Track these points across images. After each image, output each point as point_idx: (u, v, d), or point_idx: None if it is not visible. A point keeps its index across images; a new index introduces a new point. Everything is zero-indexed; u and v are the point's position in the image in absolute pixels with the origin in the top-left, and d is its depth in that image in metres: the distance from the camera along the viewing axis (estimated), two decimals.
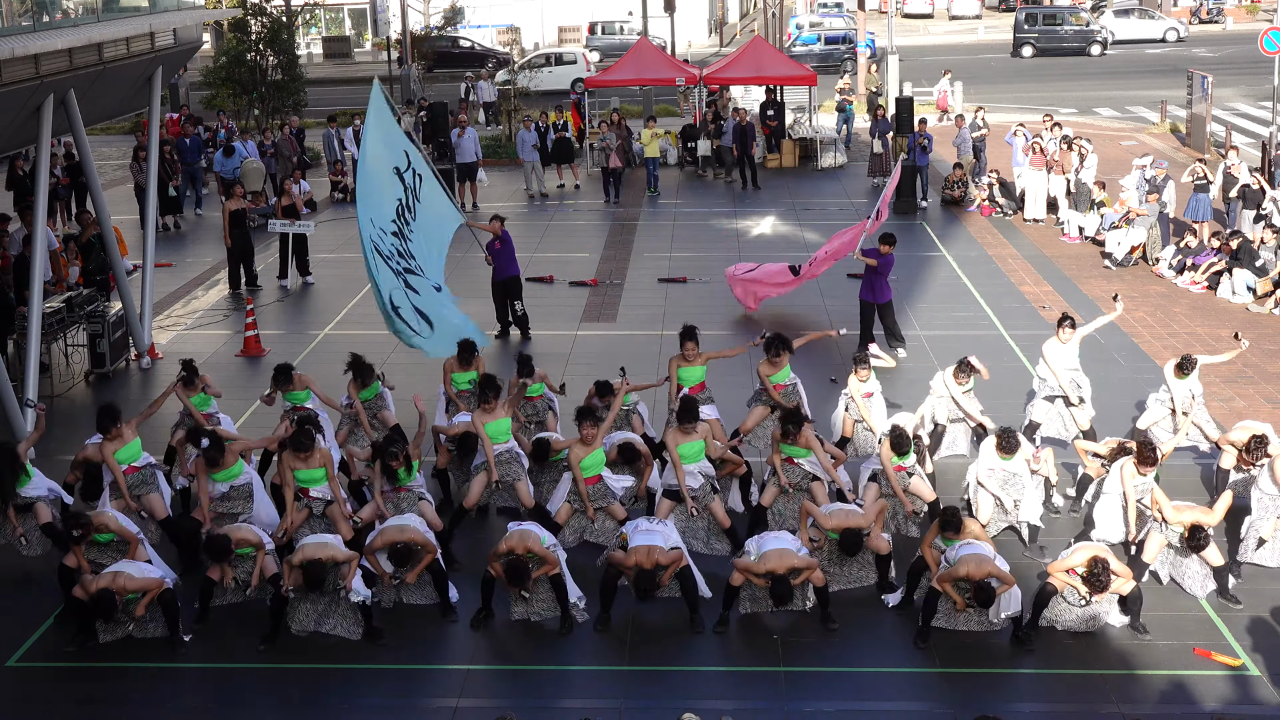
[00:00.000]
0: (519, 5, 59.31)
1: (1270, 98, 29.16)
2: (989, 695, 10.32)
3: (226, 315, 20.98)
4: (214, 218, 26.82)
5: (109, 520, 11.68)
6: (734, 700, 10.30)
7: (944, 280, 21.75)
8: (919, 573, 11.46)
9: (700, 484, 12.40)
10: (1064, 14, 55.02)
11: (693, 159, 32.30)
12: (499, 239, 18.88)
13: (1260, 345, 18.26)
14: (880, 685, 10.61)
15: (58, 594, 11.94)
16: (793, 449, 12.54)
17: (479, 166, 29.17)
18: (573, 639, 11.31)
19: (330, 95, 45.97)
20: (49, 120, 16.15)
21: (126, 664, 11.11)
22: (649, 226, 26.47)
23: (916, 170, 27.34)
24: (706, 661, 11.01)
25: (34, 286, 16.03)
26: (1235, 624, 11.28)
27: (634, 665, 10.94)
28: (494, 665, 11.05)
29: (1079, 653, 10.94)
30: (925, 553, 11.33)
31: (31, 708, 10.56)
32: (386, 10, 47.41)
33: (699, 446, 12.41)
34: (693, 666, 10.95)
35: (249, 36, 35.06)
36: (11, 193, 25.65)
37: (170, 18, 19.46)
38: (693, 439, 12.37)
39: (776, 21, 50.69)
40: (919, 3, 73.15)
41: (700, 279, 22.14)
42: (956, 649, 11.04)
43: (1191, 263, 21.49)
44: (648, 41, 36.36)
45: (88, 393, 17.66)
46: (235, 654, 11.26)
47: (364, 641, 11.26)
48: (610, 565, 11.34)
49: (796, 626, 11.37)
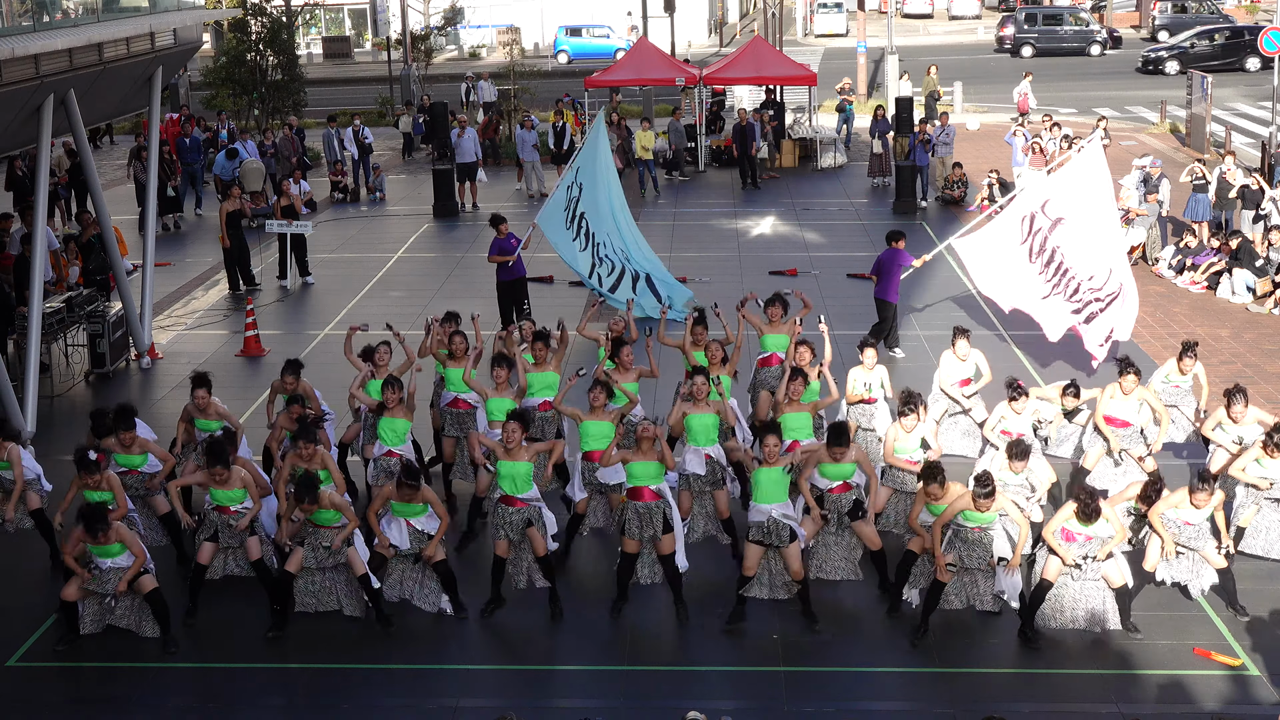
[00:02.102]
0: (519, 5, 59.28)
1: (1270, 98, 29.15)
2: (989, 695, 10.32)
3: (226, 315, 20.99)
4: (214, 218, 26.82)
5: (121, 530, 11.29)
6: (734, 700, 10.30)
7: (944, 280, 21.75)
8: (909, 565, 11.45)
9: (706, 471, 12.15)
10: (1064, 14, 55.04)
11: (692, 159, 32.30)
12: (515, 238, 19.06)
13: (1260, 345, 18.27)
14: (880, 685, 10.62)
15: (58, 595, 11.97)
16: (837, 467, 11.96)
17: (479, 166, 29.17)
18: (573, 639, 11.33)
19: (330, 95, 45.98)
20: (49, 120, 16.16)
21: (127, 664, 11.11)
22: (649, 226, 26.38)
23: (916, 170, 27.34)
24: (706, 661, 11.01)
25: (34, 286, 16.03)
26: (1235, 624, 11.29)
27: (634, 665, 10.95)
28: (494, 665, 11.06)
29: (1079, 653, 10.95)
30: (913, 523, 11.37)
31: (31, 708, 10.56)
32: (386, 10, 47.39)
33: (711, 420, 12.11)
34: (693, 666, 10.96)
35: (249, 36, 35.06)
36: (11, 193, 25.66)
37: (170, 18, 19.46)
38: (703, 411, 12.07)
39: (776, 21, 50.66)
40: (919, 3, 73.14)
41: (700, 279, 22.13)
42: (957, 649, 11.05)
43: (1191, 263, 21.49)
44: (648, 41, 36.35)
45: (88, 393, 17.66)
46: (235, 654, 11.27)
47: (373, 625, 11.31)
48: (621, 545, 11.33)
49: (796, 626, 11.38)
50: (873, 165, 29.94)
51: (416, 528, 11.41)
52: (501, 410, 12.38)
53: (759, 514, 11.10)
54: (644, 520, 11.26)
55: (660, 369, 14.04)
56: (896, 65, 40.00)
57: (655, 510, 11.26)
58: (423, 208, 28.36)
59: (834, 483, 11.56)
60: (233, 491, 11.51)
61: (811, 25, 66.71)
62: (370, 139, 30.67)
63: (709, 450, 12.12)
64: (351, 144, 30.06)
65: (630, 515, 11.28)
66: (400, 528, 11.44)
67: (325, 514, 11.23)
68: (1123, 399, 12.97)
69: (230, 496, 11.53)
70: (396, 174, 32.59)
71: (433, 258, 24.48)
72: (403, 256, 24.49)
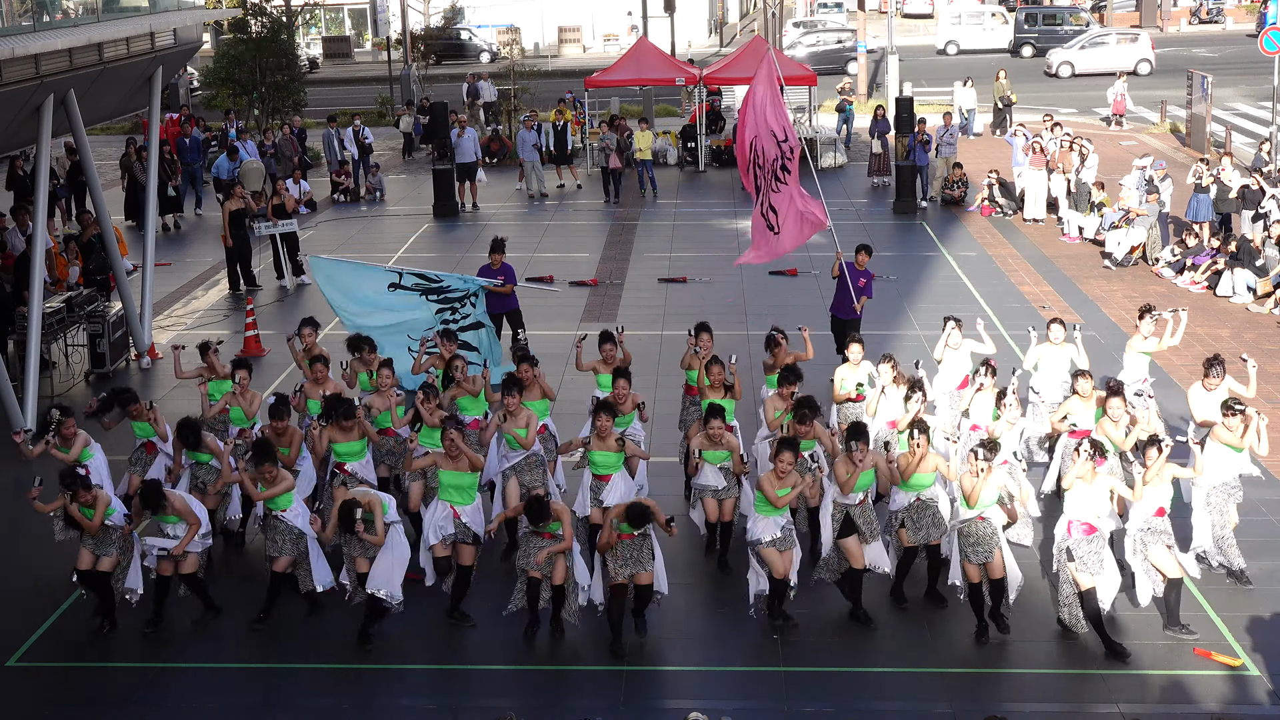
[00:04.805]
0: (519, 5, 59.27)
1: (1270, 98, 29.14)
2: (989, 695, 10.33)
3: (226, 315, 20.99)
4: (214, 218, 26.83)
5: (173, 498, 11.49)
6: (734, 700, 10.30)
7: (944, 280, 21.75)
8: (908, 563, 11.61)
9: (724, 485, 12.26)
10: (1064, 14, 55.00)
11: (692, 159, 32.29)
12: (507, 270, 17.82)
13: (1260, 345, 18.26)
14: (880, 685, 10.62)
15: (58, 595, 12.01)
16: (803, 441, 12.11)
17: (479, 166, 29.18)
18: (573, 639, 11.32)
19: (330, 95, 45.97)
20: (49, 120, 16.16)
21: (126, 664, 11.14)
22: (649, 226, 26.47)
23: (916, 170, 27.33)
24: (706, 661, 11.02)
25: (34, 286, 16.04)
26: (1235, 624, 11.28)
27: (634, 665, 10.95)
28: (494, 665, 11.05)
29: (1079, 653, 10.95)
30: (837, 471, 11.37)
31: (31, 708, 10.56)
32: (386, 10, 47.40)
33: (725, 455, 12.18)
34: (693, 666, 10.96)
35: (249, 36, 35.06)
36: (12, 192, 25.66)
37: (170, 18, 19.47)
38: (718, 449, 12.14)
39: (776, 21, 50.61)
40: (919, 3, 73.10)
41: (700, 279, 22.14)
42: (957, 649, 11.05)
43: (1191, 263, 21.49)
44: (647, 41, 36.35)
45: (88, 392, 17.65)
46: (234, 654, 11.29)
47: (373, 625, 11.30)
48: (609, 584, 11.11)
49: (796, 626, 11.38)
50: (873, 165, 29.94)
51: (463, 519, 11.37)
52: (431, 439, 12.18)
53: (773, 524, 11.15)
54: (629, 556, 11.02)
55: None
56: (897, 65, 39.98)
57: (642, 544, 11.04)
58: (423, 208, 28.36)
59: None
60: (352, 444, 12.19)
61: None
62: (370, 139, 30.68)
63: (725, 462, 12.26)
64: (351, 144, 30.07)
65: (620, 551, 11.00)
66: (446, 513, 11.41)
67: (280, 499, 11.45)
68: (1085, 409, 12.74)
69: (349, 450, 12.11)
70: (396, 174, 32.60)
71: (433, 258, 24.47)
72: (403, 256, 24.49)
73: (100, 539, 11.30)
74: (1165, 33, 57.50)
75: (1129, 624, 11.30)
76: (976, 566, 11.04)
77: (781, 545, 11.15)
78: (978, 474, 10.91)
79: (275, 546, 11.50)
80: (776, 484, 11.03)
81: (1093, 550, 10.84)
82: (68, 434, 12.33)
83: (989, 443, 11.06)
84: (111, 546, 11.34)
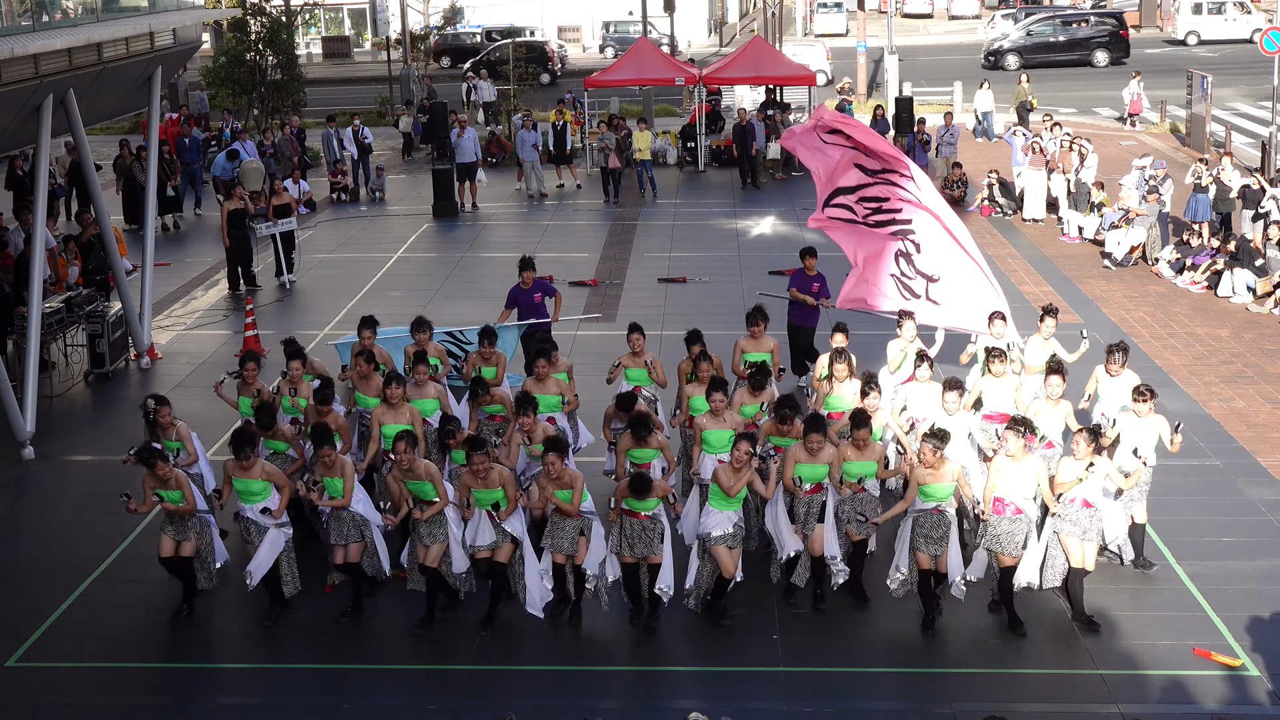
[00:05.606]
0: (519, 5, 59.29)
1: (1270, 98, 29.15)
2: (989, 695, 10.33)
3: (226, 315, 20.99)
4: (214, 218, 26.83)
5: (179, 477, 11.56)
6: (734, 700, 10.30)
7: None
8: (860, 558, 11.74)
9: (731, 533, 11.90)
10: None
11: (692, 159, 32.30)
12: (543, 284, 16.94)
13: (1260, 345, 18.26)
14: (880, 685, 10.63)
15: (58, 594, 12.03)
16: (784, 440, 12.05)
17: (479, 166, 29.18)
18: (573, 639, 11.33)
19: (330, 95, 45.97)
20: (49, 120, 16.16)
21: (127, 664, 11.14)
22: (648, 226, 26.47)
23: None
24: (706, 661, 11.02)
25: (34, 286, 16.04)
26: (1235, 624, 11.29)
27: (634, 665, 10.96)
28: (494, 665, 11.05)
29: (1079, 653, 10.95)
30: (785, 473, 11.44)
31: (32, 708, 10.56)
32: (386, 10, 47.38)
33: (728, 435, 12.04)
34: (693, 666, 10.97)
35: (248, 36, 35.06)
36: (11, 192, 25.65)
37: (170, 18, 19.46)
38: (721, 427, 12.13)
39: (776, 21, 50.63)
40: (919, 3, 73.14)
41: (700, 279, 22.15)
42: (956, 649, 11.06)
43: (1191, 263, 21.49)
44: (647, 41, 36.35)
45: (87, 392, 17.66)
46: (233, 654, 11.29)
47: (373, 624, 11.39)
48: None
49: (797, 627, 11.39)
50: None
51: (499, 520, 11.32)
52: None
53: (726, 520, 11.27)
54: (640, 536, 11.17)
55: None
56: (896, 65, 39.98)
57: (651, 527, 11.16)
58: (422, 208, 28.36)
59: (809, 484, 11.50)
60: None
61: (811, 25, 66.68)
62: (370, 139, 30.68)
63: (723, 456, 12.08)
64: (351, 144, 30.07)
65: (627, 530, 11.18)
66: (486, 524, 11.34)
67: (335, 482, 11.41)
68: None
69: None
70: (396, 174, 32.59)
71: (432, 257, 24.49)
72: (402, 256, 24.49)
73: (178, 525, 11.53)
74: (1165, 32, 57.54)
75: (1129, 624, 11.31)
76: (928, 556, 11.10)
77: (732, 543, 11.21)
78: (1012, 455, 10.95)
79: (340, 535, 11.52)
80: (734, 477, 11.12)
81: (1016, 531, 11.04)
82: (164, 422, 12.45)
83: (939, 432, 11.08)
84: (190, 531, 11.59)
